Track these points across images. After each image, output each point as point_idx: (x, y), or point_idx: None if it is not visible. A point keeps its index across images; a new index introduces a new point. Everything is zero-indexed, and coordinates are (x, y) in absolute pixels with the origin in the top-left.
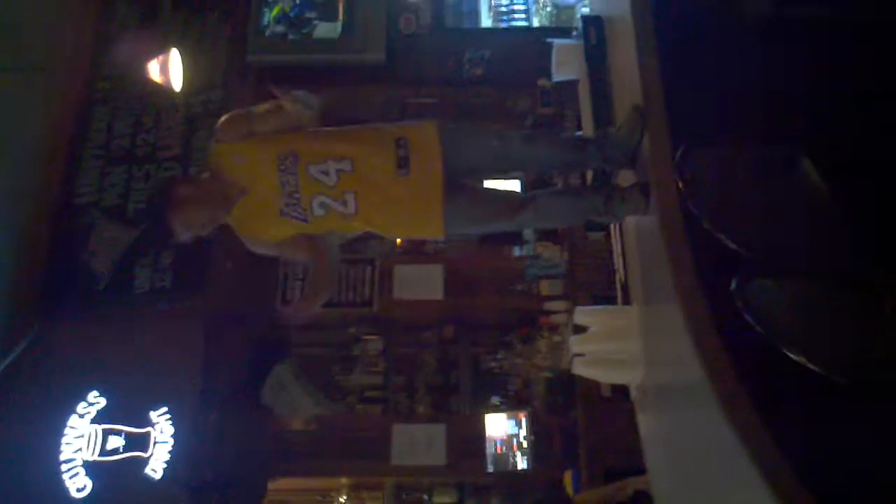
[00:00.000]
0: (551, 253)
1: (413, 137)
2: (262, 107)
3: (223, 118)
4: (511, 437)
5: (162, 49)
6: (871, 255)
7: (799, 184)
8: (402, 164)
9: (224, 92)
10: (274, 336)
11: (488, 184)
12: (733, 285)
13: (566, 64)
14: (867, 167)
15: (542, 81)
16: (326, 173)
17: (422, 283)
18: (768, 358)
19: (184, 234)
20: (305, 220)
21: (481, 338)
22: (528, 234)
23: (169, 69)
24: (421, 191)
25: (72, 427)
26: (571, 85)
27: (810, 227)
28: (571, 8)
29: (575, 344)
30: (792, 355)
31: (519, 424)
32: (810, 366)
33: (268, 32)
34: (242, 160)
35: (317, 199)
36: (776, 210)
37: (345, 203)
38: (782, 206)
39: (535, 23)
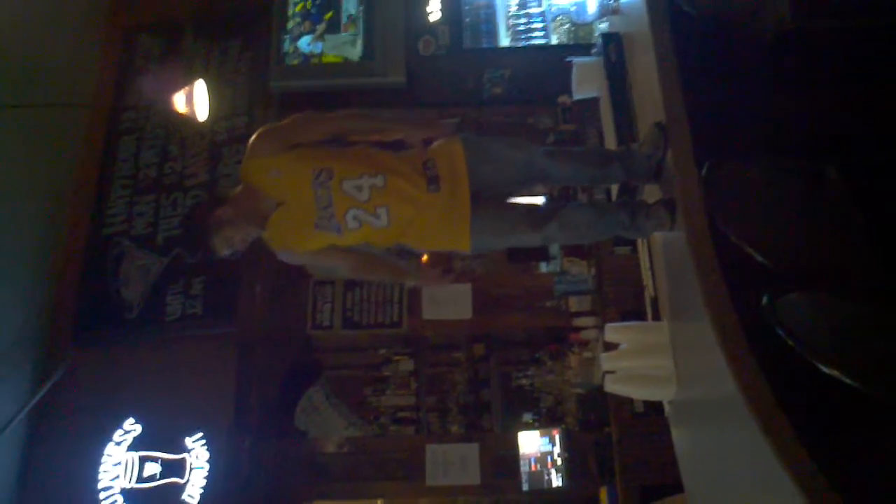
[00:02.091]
0: (579, 269)
1: (440, 159)
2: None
3: (258, 133)
4: (545, 454)
5: (186, 79)
6: None
7: (827, 196)
8: (432, 181)
9: (248, 118)
10: (306, 359)
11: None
12: (764, 300)
13: (587, 81)
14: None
15: (562, 98)
16: (360, 189)
17: (451, 303)
18: (802, 372)
19: (224, 253)
20: (339, 232)
21: (512, 355)
22: (554, 250)
23: (194, 99)
24: (450, 206)
25: (109, 455)
26: (593, 101)
27: (840, 241)
28: (589, 25)
29: (606, 361)
30: (826, 369)
31: (552, 442)
32: (845, 380)
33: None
34: (278, 174)
35: (350, 213)
36: (805, 223)
37: (377, 216)
38: (811, 220)
39: (554, 40)
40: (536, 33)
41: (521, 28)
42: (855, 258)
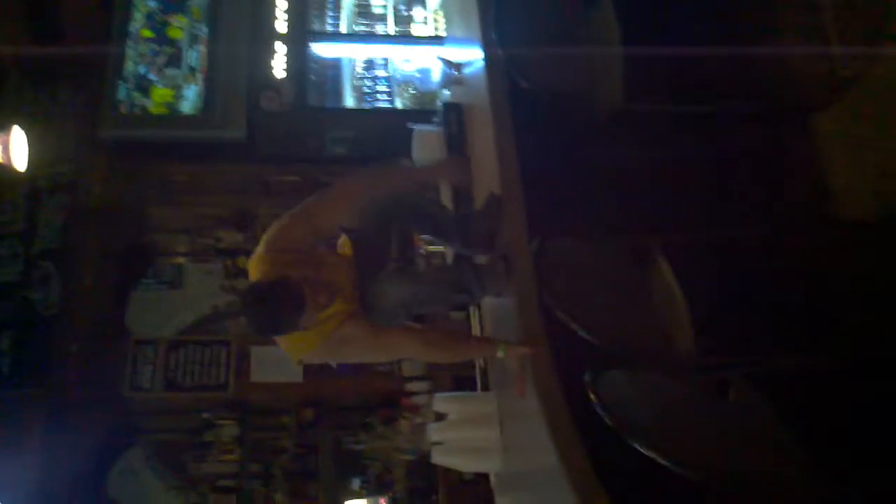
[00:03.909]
0: None
1: None
2: None
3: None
4: None
5: (7, 123)
6: (717, 345)
7: (650, 276)
8: None
9: (74, 166)
10: (122, 423)
11: None
12: (587, 377)
13: (427, 149)
14: (717, 257)
15: (404, 162)
16: None
17: (281, 365)
18: (624, 447)
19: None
20: None
21: (342, 420)
22: None
23: (10, 147)
24: None
25: None
26: None
27: (660, 319)
28: (433, 93)
29: (434, 432)
30: (643, 450)
31: None
32: (661, 461)
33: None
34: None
35: None
36: (628, 301)
37: None
38: (634, 298)
39: (399, 104)
40: (381, 96)
41: (367, 90)
42: (677, 337)
